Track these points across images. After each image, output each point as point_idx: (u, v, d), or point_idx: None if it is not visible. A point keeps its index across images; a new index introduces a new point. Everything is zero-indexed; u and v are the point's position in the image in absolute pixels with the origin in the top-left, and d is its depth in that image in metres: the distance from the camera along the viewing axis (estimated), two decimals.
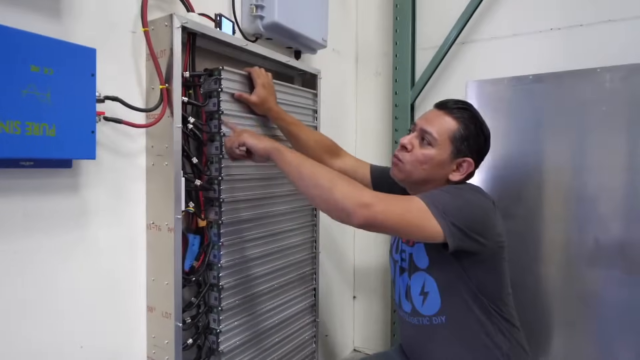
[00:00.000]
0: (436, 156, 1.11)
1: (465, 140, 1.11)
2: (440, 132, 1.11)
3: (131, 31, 1.12)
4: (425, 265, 1.14)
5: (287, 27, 1.44)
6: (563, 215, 1.66)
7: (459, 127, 1.11)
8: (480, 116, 1.16)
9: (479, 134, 1.13)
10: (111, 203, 1.10)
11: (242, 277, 1.34)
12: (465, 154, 1.12)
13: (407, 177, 1.16)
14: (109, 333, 1.10)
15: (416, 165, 1.13)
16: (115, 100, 1.03)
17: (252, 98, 1.32)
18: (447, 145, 1.11)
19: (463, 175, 1.14)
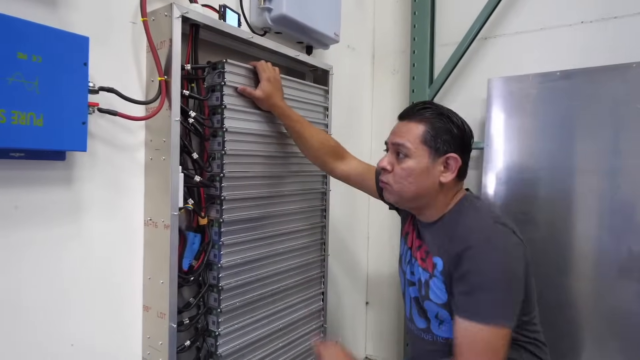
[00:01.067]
0: (417, 166, 1.05)
1: (438, 137, 1.04)
2: (411, 139, 1.05)
3: (131, 22, 1.09)
4: (440, 301, 1.06)
5: (297, 20, 1.39)
6: (593, 223, 1.54)
7: (426, 128, 1.04)
8: (445, 108, 1.08)
9: (449, 126, 1.05)
10: (107, 197, 1.07)
11: (243, 278, 1.28)
12: (445, 150, 1.04)
13: (400, 197, 1.10)
14: (101, 332, 1.07)
15: (402, 182, 1.07)
16: (111, 91, 1.00)
17: (256, 93, 1.27)
18: (423, 151, 1.04)
19: (454, 172, 1.05)
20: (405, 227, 1.26)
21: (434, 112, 1.06)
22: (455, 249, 0.99)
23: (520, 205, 1.66)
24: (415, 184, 1.05)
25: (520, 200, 1.66)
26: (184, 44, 1.17)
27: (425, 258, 1.11)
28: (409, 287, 1.18)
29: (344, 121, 1.94)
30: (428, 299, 1.08)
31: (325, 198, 1.63)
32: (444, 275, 1.03)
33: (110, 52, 1.06)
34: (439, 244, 1.07)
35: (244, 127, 1.27)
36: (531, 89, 1.65)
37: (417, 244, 1.16)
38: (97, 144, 1.04)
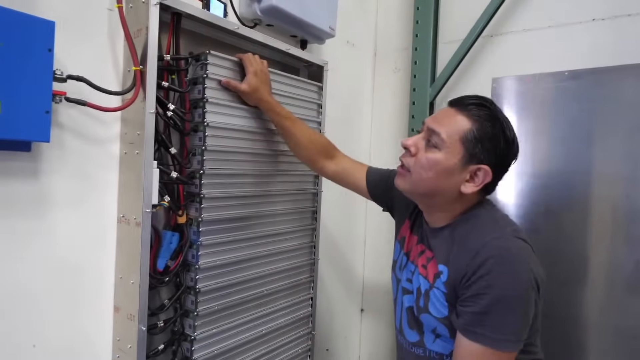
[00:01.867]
0: (443, 161, 0.92)
1: (479, 143, 0.91)
2: (449, 132, 0.92)
3: (108, 8, 1.04)
4: (440, 315, 0.95)
5: (288, 12, 1.32)
6: (605, 232, 1.45)
7: (472, 127, 0.91)
8: (503, 115, 0.95)
9: (498, 135, 0.92)
10: (77, 192, 1.02)
11: (223, 281, 1.22)
12: (480, 159, 0.92)
13: (413, 188, 0.99)
14: (67, 332, 1.02)
15: (420, 172, 0.95)
16: (80, 80, 0.95)
17: (241, 86, 1.20)
18: (457, 148, 0.92)
19: (478, 186, 0.93)
20: (402, 231, 1.17)
21: (489, 113, 0.93)
22: (466, 260, 0.89)
23: (526, 211, 1.57)
24: (434, 181, 0.94)
25: (526, 206, 1.57)
26: (164, 34, 1.12)
27: (427, 265, 1.01)
28: (403, 296, 1.09)
29: (342, 119, 1.87)
30: (426, 312, 0.98)
31: (316, 199, 1.57)
32: (447, 287, 0.93)
33: (84, 40, 1.01)
34: (446, 251, 0.97)
35: (227, 122, 1.21)
36: (538, 90, 1.56)
37: (418, 250, 1.06)
38: (67, 135, 0.99)
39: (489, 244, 0.88)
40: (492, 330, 0.85)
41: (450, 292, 0.93)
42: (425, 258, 1.03)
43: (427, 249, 1.03)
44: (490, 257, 0.86)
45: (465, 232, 0.95)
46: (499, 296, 0.84)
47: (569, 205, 1.50)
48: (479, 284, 0.86)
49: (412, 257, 1.08)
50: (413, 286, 1.04)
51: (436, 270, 0.97)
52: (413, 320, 1.04)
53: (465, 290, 0.89)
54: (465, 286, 0.88)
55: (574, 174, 1.49)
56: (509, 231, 0.91)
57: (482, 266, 0.86)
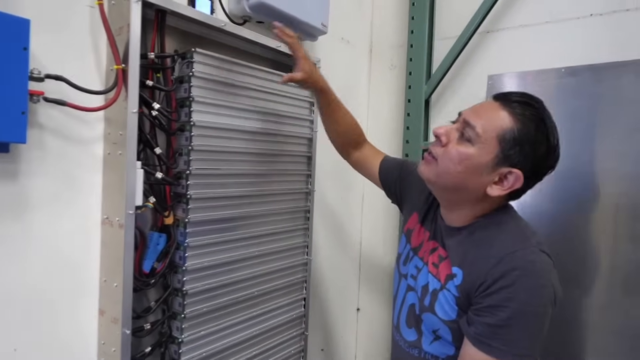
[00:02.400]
0: (474, 156, 0.86)
1: (518, 145, 0.83)
2: (486, 127, 0.85)
3: (89, 5, 1.02)
4: (447, 318, 0.91)
5: (277, 8, 1.30)
6: (605, 231, 1.42)
7: (513, 126, 0.84)
8: (551, 119, 0.86)
9: (541, 140, 0.84)
10: (59, 194, 1.00)
11: (211, 282, 1.20)
12: (513, 162, 0.84)
13: (437, 179, 0.93)
14: (50, 336, 1.00)
15: (447, 165, 0.89)
16: (59, 79, 0.93)
17: (298, 75, 1.15)
18: (492, 146, 0.85)
19: (506, 190, 0.86)
20: (409, 223, 1.11)
21: (536, 114, 0.85)
22: (486, 267, 0.84)
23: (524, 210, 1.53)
24: (460, 176, 0.88)
25: (521, 205, 1.54)
26: (149, 31, 1.10)
27: (439, 264, 0.96)
28: (406, 292, 1.05)
29: None
30: (431, 312, 0.93)
31: (309, 199, 1.54)
32: (460, 291, 0.88)
33: (64, 38, 0.99)
34: (462, 253, 0.91)
35: (214, 121, 1.19)
36: (535, 87, 1.53)
37: (430, 246, 1.01)
38: (48, 135, 0.97)
39: (514, 254, 0.83)
40: (506, 344, 0.81)
41: (462, 296, 0.89)
42: (438, 256, 0.98)
43: (441, 247, 0.98)
44: (515, 269, 0.81)
45: (487, 237, 0.89)
46: (519, 311, 0.80)
47: (568, 204, 1.47)
48: (499, 295, 0.81)
49: (422, 253, 1.03)
50: (418, 283, 1.00)
51: (449, 271, 0.93)
52: (413, 318, 1.01)
53: (482, 300, 0.84)
54: (483, 295, 0.84)
55: (572, 172, 1.46)
56: (534, 243, 0.86)
57: (505, 277, 0.81)
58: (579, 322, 1.45)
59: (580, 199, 1.45)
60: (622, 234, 1.39)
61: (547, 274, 0.82)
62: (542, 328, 0.82)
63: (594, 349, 1.44)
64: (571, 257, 1.46)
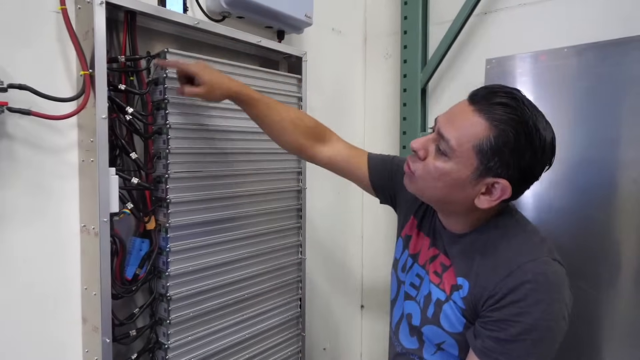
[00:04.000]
0: (453, 171, 0.79)
1: (496, 155, 0.75)
2: (461, 139, 0.77)
3: (54, 11, 1.00)
4: (454, 330, 0.86)
5: (254, 2, 1.25)
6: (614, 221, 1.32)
7: (489, 134, 0.75)
8: (535, 117, 0.76)
9: (523, 146, 0.75)
10: (33, 204, 0.99)
11: (197, 287, 1.19)
12: (497, 173, 0.77)
13: (420, 193, 0.88)
14: (34, 345, 1.00)
15: (427, 181, 0.83)
16: (23, 88, 0.91)
17: (198, 89, 1.03)
18: (470, 159, 0.77)
19: (495, 201, 0.79)
20: (407, 228, 1.05)
21: (514, 117, 0.74)
22: (495, 279, 0.79)
23: (525, 202, 1.46)
24: (442, 191, 0.82)
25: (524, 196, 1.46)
26: (119, 34, 1.08)
27: (442, 274, 0.90)
28: (404, 301, 0.99)
29: (332, 110, 1.79)
30: (436, 324, 0.88)
31: (300, 197, 1.50)
32: (466, 303, 0.83)
33: (29, 45, 0.97)
34: (467, 262, 0.85)
35: (191, 122, 1.16)
36: (535, 69, 1.43)
37: (430, 254, 0.95)
38: (17, 146, 0.96)
39: (525, 266, 0.77)
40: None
41: (469, 308, 0.83)
42: (440, 265, 0.91)
43: (443, 254, 0.92)
44: (526, 282, 0.75)
45: (493, 245, 0.83)
46: (530, 326, 0.75)
47: (572, 194, 1.38)
48: (509, 309, 0.76)
49: (422, 260, 0.97)
50: (420, 293, 0.95)
51: (454, 282, 0.87)
52: (414, 328, 0.95)
53: (491, 313, 0.79)
54: (492, 308, 0.79)
55: (572, 159, 1.37)
56: (546, 251, 0.80)
57: (515, 291, 0.76)
58: (593, 320, 1.36)
59: (598, 191, 1.34)
60: (627, 223, 1.29)
61: (560, 287, 0.77)
62: (553, 344, 0.77)
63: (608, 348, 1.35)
64: (583, 252, 1.36)
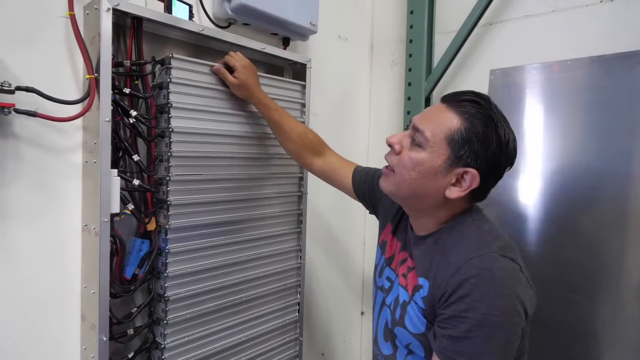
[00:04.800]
0: (426, 161, 0.84)
1: (467, 144, 0.82)
2: (434, 130, 0.84)
3: (63, 16, 1.03)
4: (417, 331, 0.88)
5: (260, 9, 1.27)
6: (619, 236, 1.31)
7: (460, 126, 0.82)
8: (500, 114, 0.84)
9: (490, 136, 0.82)
10: (37, 203, 1.02)
11: (195, 288, 1.20)
12: (467, 162, 0.83)
13: (396, 189, 0.91)
14: (34, 340, 1.02)
15: (403, 173, 0.88)
16: (30, 90, 0.94)
17: (231, 78, 1.20)
18: (442, 149, 0.83)
19: (464, 191, 0.84)
20: (383, 234, 1.10)
21: (482, 111, 0.83)
22: (446, 276, 0.82)
23: (526, 214, 1.45)
24: (417, 182, 0.86)
25: (526, 208, 1.46)
26: (126, 39, 1.10)
27: (407, 274, 0.94)
28: (382, 306, 1.02)
29: (335, 117, 1.81)
30: (401, 325, 0.91)
31: (301, 202, 1.51)
32: (426, 303, 0.86)
33: (40, 50, 1.00)
34: (428, 263, 0.89)
35: (194, 126, 1.18)
36: (538, 81, 1.43)
37: (401, 257, 0.99)
38: (23, 146, 0.99)
39: (470, 262, 0.80)
40: (469, 358, 0.76)
41: (428, 309, 0.85)
42: (407, 267, 0.95)
43: (409, 258, 0.96)
44: (471, 278, 0.78)
45: (449, 244, 0.87)
46: (479, 322, 0.76)
47: (574, 207, 1.37)
48: (458, 305, 0.78)
49: (394, 264, 1.01)
50: (391, 296, 0.98)
51: (416, 282, 0.90)
52: (388, 332, 0.98)
53: (444, 310, 0.81)
54: (444, 306, 0.81)
55: (582, 171, 1.36)
56: (495, 248, 0.82)
57: (461, 286, 0.78)
58: (590, 333, 1.35)
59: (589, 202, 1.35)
60: (633, 239, 1.28)
61: (507, 281, 0.78)
62: (508, 341, 0.76)
63: None
64: (583, 264, 1.35)
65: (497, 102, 0.85)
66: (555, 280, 1.38)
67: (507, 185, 1.48)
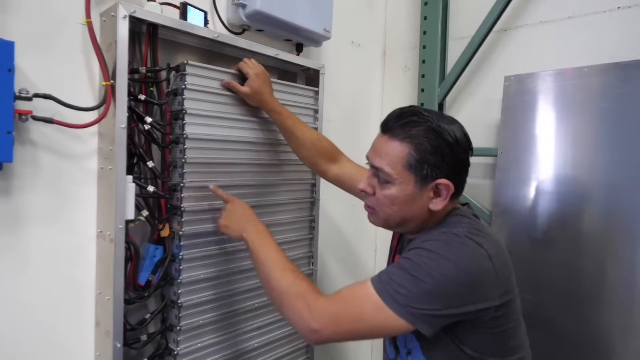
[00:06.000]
0: (400, 194, 0.89)
1: (424, 163, 0.87)
2: (391, 164, 0.89)
3: (80, 23, 1.04)
4: None
5: (274, 16, 1.27)
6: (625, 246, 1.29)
7: (410, 150, 0.87)
8: (435, 118, 0.88)
9: (440, 146, 0.86)
10: (53, 208, 1.02)
11: (209, 295, 1.20)
12: (433, 176, 0.87)
13: (386, 223, 0.97)
14: (47, 346, 1.03)
15: (384, 210, 0.93)
16: (48, 97, 0.94)
17: (242, 88, 1.20)
18: (406, 177, 0.88)
19: (445, 199, 0.89)
20: (392, 241, 1.15)
21: (421, 128, 0.87)
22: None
23: (538, 222, 1.44)
24: (401, 212, 0.91)
25: (538, 216, 1.44)
26: (141, 45, 1.11)
27: None
28: None
29: (347, 123, 1.80)
30: None
31: (314, 208, 1.51)
32: None
33: (56, 57, 1.01)
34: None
35: (208, 133, 1.18)
36: (553, 88, 1.41)
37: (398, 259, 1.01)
38: (40, 152, 0.99)
39: (432, 237, 0.87)
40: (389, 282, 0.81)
41: None
42: None
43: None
44: (427, 240, 0.86)
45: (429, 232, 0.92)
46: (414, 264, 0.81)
47: (585, 216, 1.35)
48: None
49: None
50: None
51: None
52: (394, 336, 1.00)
53: None
54: None
55: (589, 180, 1.35)
56: (464, 231, 0.85)
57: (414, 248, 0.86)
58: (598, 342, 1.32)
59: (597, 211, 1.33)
60: None
61: (455, 249, 0.82)
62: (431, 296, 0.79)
63: None
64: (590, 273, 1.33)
65: (511, 109, 0.87)
66: (569, 291, 1.36)
67: (519, 194, 1.46)
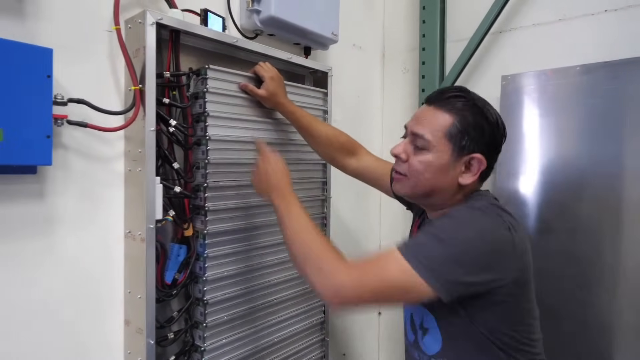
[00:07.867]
0: (435, 161, 0.92)
1: (465, 135, 0.91)
2: (433, 131, 0.92)
3: (108, 30, 1.07)
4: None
5: (287, 21, 1.32)
6: (623, 232, 1.38)
7: (454, 121, 0.91)
8: (482, 101, 0.94)
9: (481, 122, 0.92)
10: (84, 210, 1.05)
11: (231, 291, 1.24)
12: (470, 149, 0.91)
13: (413, 191, 0.98)
14: (77, 345, 1.05)
15: (416, 176, 0.95)
16: (81, 102, 0.97)
17: (259, 91, 1.25)
18: (445, 146, 0.92)
19: (476, 174, 0.93)
20: (413, 228, 1.18)
21: (467, 103, 0.92)
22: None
23: (538, 212, 1.52)
24: (432, 181, 0.94)
25: (537, 207, 1.52)
26: (165, 51, 1.14)
27: None
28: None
29: (350, 123, 1.86)
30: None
31: (325, 205, 1.56)
32: None
33: (85, 62, 1.04)
34: None
35: (229, 134, 1.22)
36: (547, 86, 1.50)
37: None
38: (71, 156, 1.02)
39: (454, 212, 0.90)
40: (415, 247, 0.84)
41: None
42: None
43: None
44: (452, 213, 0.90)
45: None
46: (437, 229, 0.86)
47: (584, 204, 1.44)
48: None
49: None
50: None
51: None
52: (410, 317, 1.05)
53: None
54: None
55: (583, 173, 1.44)
56: (485, 204, 0.90)
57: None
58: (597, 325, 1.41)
59: (596, 199, 1.42)
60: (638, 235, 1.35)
61: (482, 224, 0.86)
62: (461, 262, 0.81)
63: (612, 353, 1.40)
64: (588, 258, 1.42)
65: (508, 107, 0.94)
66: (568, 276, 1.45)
67: (516, 187, 1.54)
